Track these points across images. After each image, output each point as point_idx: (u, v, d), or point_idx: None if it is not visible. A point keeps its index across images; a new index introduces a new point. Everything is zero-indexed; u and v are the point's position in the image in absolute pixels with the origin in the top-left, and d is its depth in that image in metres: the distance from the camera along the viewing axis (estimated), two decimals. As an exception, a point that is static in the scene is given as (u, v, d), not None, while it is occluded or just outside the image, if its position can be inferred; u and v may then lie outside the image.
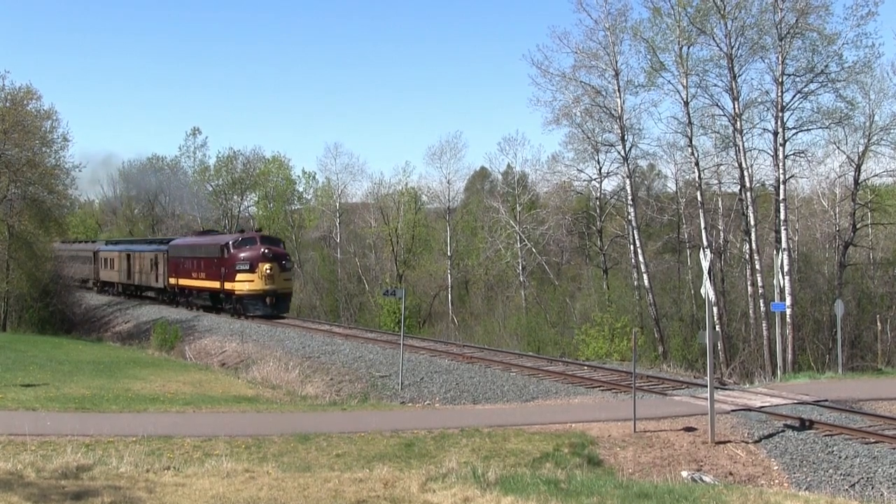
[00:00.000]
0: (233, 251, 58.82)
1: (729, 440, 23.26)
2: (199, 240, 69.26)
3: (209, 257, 62.23)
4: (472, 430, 23.30)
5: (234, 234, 65.81)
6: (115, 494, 15.03)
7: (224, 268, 59.36)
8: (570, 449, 22.02)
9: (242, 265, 57.49)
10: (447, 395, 32.17)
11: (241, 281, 57.97)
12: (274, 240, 65.28)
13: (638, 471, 21.30)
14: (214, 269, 60.98)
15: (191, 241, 70.02)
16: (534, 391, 30.95)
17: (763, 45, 56.45)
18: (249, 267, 57.36)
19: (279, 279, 58.87)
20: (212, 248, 62.54)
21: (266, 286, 57.60)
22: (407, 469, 18.56)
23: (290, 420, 25.74)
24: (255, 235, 62.02)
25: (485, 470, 18.13)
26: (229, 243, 59.88)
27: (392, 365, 36.25)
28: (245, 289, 57.94)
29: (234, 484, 16.57)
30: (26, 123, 63.72)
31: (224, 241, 61.94)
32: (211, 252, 62.16)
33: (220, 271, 59.84)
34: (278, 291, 58.79)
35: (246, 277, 57.75)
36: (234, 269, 58.09)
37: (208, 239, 68.02)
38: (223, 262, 59.65)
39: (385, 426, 24.03)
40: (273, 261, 58.14)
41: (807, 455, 22.26)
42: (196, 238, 71.40)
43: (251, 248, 58.83)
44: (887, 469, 20.70)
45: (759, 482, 20.76)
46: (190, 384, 36.12)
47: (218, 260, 60.44)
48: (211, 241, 65.91)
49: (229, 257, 58.95)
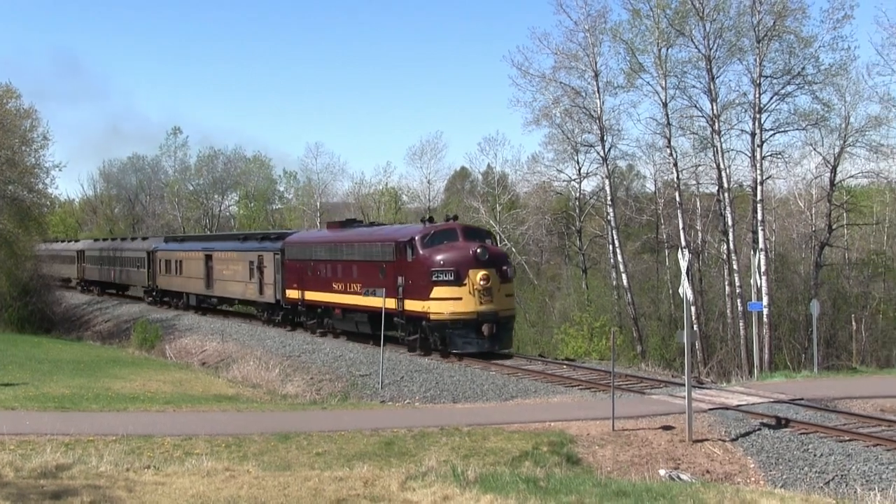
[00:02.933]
0: (422, 251, 37.62)
1: (706, 438, 23.33)
2: (347, 234, 46.52)
3: (371, 261, 41.43)
4: (452, 429, 23.31)
5: (416, 226, 43.38)
6: (95, 494, 14.99)
7: (404, 276, 38.51)
8: (548, 447, 22.05)
9: (441, 273, 36.39)
10: (427, 394, 32.16)
11: (439, 299, 36.36)
12: (481, 232, 42.80)
13: (616, 469, 21.35)
14: (383, 280, 39.74)
15: (330, 237, 48.00)
16: (513, 390, 30.95)
17: (741, 47, 56.75)
18: (454, 277, 36.12)
19: (499, 295, 36.77)
20: (377, 248, 41.55)
21: (482, 306, 35.96)
22: (387, 467, 18.59)
23: (270, 419, 25.73)
24: (454, 226, 39.96)
25: (464, 468, 18.15)
26: (415, 238, 38.17)
27: (372, 364, 36.24)
28: (447, 311, 36.22)
29: (214, 483, 16.55)
30: (6, 122, 63.82)
31: (404, 234, 40.03)
32: (375, 252, 41.42)
33: (396, 282, 38.83)
34: (500, 315, 36.66)
35: (448, 293, 36.21)
36: (424, 280, 36.96)
37: (367, 233, 45.95)
38: (402, 268, 38.69)
39: (365, 425, 24.02)
40: (490, 266, 36.57)
41: (783, 453, 22.36)
42: (339, 232, 47.93)
43: (451, 245, 37.69)
44: (861, 466, 20.82)
45: (736, 480, 20.83)
46: (170, 383, 35.99)
47: (391, 265, 39.55)
48: (374, 235, 44.36)
49: (415, 261, 37.85)
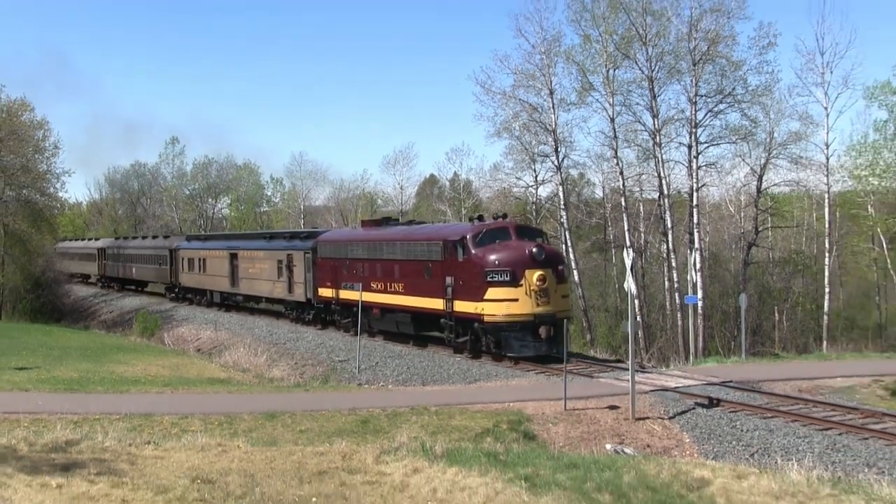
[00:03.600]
0: (474, 250, 32.73)
1: (647, 417, 23.47)
2: (387, 233, 41.24)
3: (415, 260, 36.30)
4: (422, 409, 23.34)
5: (464, 224, 39.87)
6: (101, 466, 15.07)
7: (453, 276, 33.57)
8: (507, 425, 22.12)
9: (496, 273, 31.62)
10: (399, 377, 32.18)
11: (494, 300, 31.57)
12: (534, 230, 37.24)
13: (567, 444, 21.42)
14: (429, 279, 35.11)
15: (367, 236, 42.19)
16: (476, 374, 31.00)
17: (679, 69, 57.10)
18: (510, 277, 31.41)
19: (556, 296, 32.10)
20: (421, 247, 36.45)
21: (538, 308, 31.20)
22: (363, 443, 18.62)
23: (258, 400, 25.66)
24: (506, 224, 34.69)
25: (432, 444, 18.21)
26: (466, 237, 33.12)
27: (350, 351, 36.22)
28: (502, 313, 31.48)
29: (208, 457, 16.59)
30: (21, 133, 64.74)
31: (454, 233, 34.78)
32: (419, 251, 36.29)
33: (443, 282, 34.05)
34: (557, 317, 31.52)
35: (503, 294, 31.41)
36: (477, 281, 32.14)
37: (410, 231, 40.83)
38: (451, 268, 33.71)
39: (343, 405, 24.01)
40: (546, 265, 31.85)
41: (714, 429, 22.55)
42: (377, 231, 42.66)
43: (505, 244, 32.79)
44: (781, 440, 21.04)
45: (673, 453, 20.96)
46: (168, 368, 35.92)
47: (438, 264, 34.57)
48: (419, 233, 39.05)
49: (467, 260, 32.97)
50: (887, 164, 58.37)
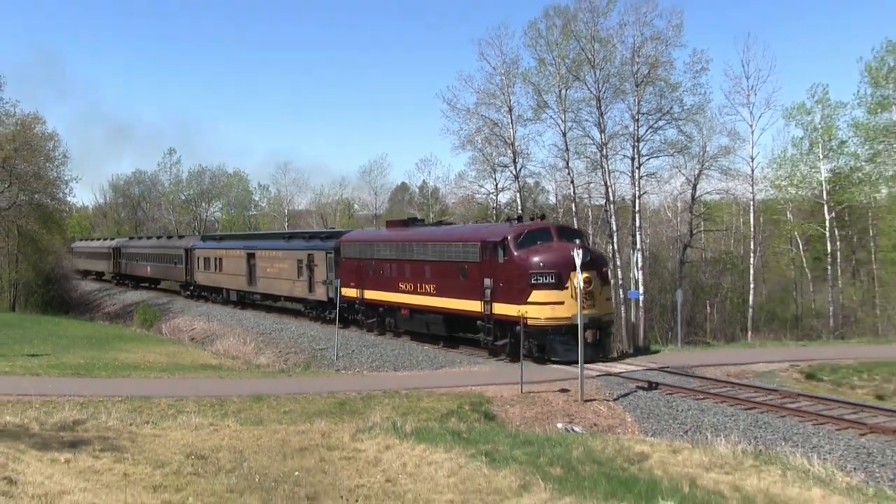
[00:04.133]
0: (516, 252, 28.99)
1: (594, 399, 23.58)
2: (417, 233, 36.49)
3: (449, 261, 32.28)
4: (393, 392, 23.36)
5: (502, 225, 34.84)
6: (104, 443, 15.06)
7: (492, 278, 29.75)
8: (470, 407, 22.17)
9: (540, 276, 28.05)
10: (373, 364, 32.15)
11: (538, 303, 28.00)
12: (575, 232, 33.83)
13: (523, 423, 21.51)
14: (464, 281, 31.15)
15: (396, 236, 37.25)
16: (442, 361, 31.03)
17: (623, 90, 57.45)
18: (555, 279, 27.89)
19: (601, 299, 28.96)
20: (456, 248, 32.08)
21: (584, 311, 25.66)
22: (340, 423, 18.60)
23: (246, 384, 25.60)
24: (548, 225, 31.30)
25: (403, 424, 18.24)
26: (507, 238, 29.36)
27: (329, 340, 36.15)
28: (546, 316, 27.88)
29: (201, 435, 16.57)
30: (33, 143, 65.11)
31: (494, 234, 30.53)
32: (454, 252, 32.16)
33: (481, 284, 30.18)
34: (602, 320, 28.92)
35: (547, 296, 27.89)
36: (520, 283, 28.46)
37: (443, 232, 35.74)
38: (490, 270, 29.83)
39: (323, 389, 23.99)
40: (591, 268, 28.04)
41: (653, 409, 22.70)
42: (405, 231, 37.86)
43: (547, 245, 29.16)
44: (711, 419, 21.23)
45: (617, 431, 21.09)
46: (165, 355, 35.81)
47: (475, 266, 30.60)
48: (454, 234, 34.17)
49: (508, 262, 29.15)
50: (803, 175, 59.29)
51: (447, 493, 13.30)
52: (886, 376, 27.39)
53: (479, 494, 13.21)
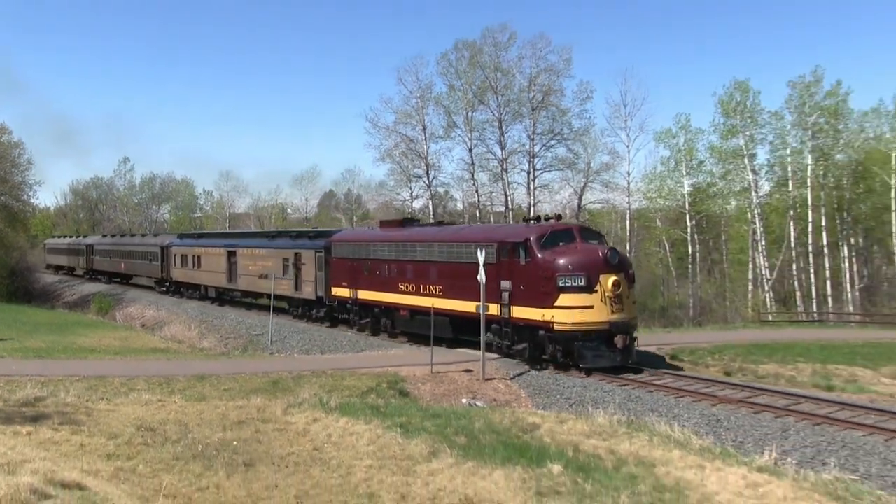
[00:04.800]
0: (541, 254, 24.38)
1: (494, 378, 23.74)
2: (421, 233, 31.67)
3: (459, 262, 27.53)
4: (320, 372, 23.21)
5: (519, 225, 29.49)
6: (63, 417, 14.86)
7: (512, 280, 25.16)
8: (387, 385, 22.14)
9: (569, 278, 23.55)
10: (303, 347, 31.89)
11: (566, 307, 23.48)
12: (595, 233, 27.95)
13: (433, 399, 21.58)
14: (475, 283, 24.55)
15: (396, 236, 32.19)
16: (363, 345, 30.92)
17: (521, 113, 58.52)
18: (585, 283, 23.50)
19: (628, 303, 24.33)
20: (468, 249, 26.97)
21: (613, 315, 23.52)
22: (274, 399, 18.45)
23: (191, 365, 25.14)
24: (571, 226, 27.19)
25: (328, 399, 18.22)
26: (530, 239, 24.78)
27: (264, 327, 35.68)
28: (575, 321, 23.45)
29: (150, 409, 16.36)
30: (0, 151, 62.88)
31: (514, 234, 26.09)
32: (466, 254, 27.04)
33: (497, 286, 25.34)
34: (630, 324, 24.35)
35: (577, 300, 23.45)
36: (547, 286, 23.84)
37: (452, 232, 30.81)
38: (510, 272, 25.29)
39: (259, 370, 23.71)
40: (620, 270, 24.15)
41: (543, 386, 22.97)
42: (406, 231, 32.80)
43: (572, 247, 24.66)
44: (592, 394, 21.56)
45: (513, 405, 21.28)
46: (119, 339, 35.12)
47: (493, 267, 25.37)
48: (465, 234, 29.58)
49: (532, 264, 24.58)
50: (669, 189, 61.01)
51: (367, 459, 13.32)
52: (732, 356, 28.58)
53: (394, 460, 13.27)
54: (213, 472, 11.95)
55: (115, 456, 12.52)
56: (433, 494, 11.51)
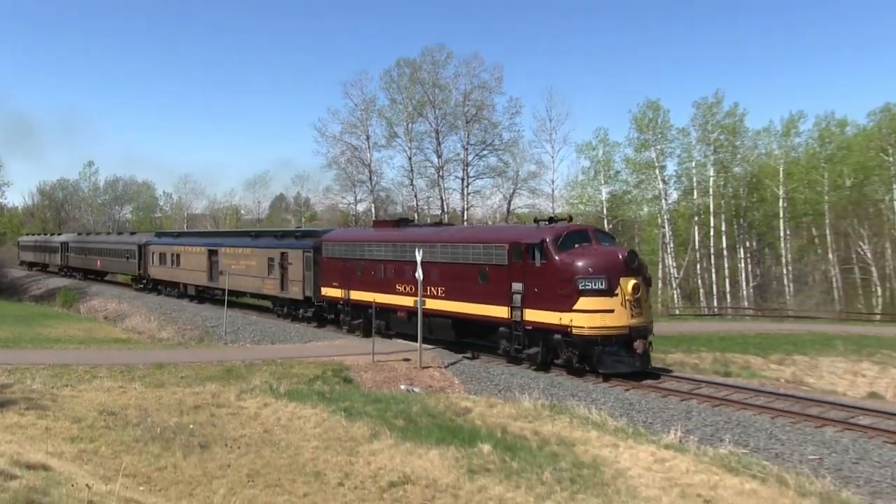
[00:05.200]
0: (558, 255, 21.84)
1: (430, 366, 23.82)
2: (422, 234, 28.44)
3: (465, 263, 24.86)
4: (270, 361, 23.04)
5: (530, 226, 25.50)
6: (29, 403, 14.58)
7: (525, 283, 22.57)
8: (332, 372, 22.09)
9: (589, 281, 21.11)
10: (255, 338, 31.53)
11: (586, 311, 21.02)
12: (606, 234, 25.27)
13: (374, 385, 21.60)
14: (485, 285, 23.90)
15: (393, 236, 29.09)
16: (310, 336, 30.71)
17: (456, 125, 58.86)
18: (606, 286, 21.09)
19: (646, 306, 22.24)
20: (476, 250, 24.66)
21: (633, 320, 21.25)
22: (227, 385, 18.30)
23: (151, 354, 24.74)
24: (585, 227, 24.19)
25: (278, 386, 18.17)
26: (547, 240, 22.17)
27: (219, 319, 35.16)
28: (594, 325, 21.03)
29: (112, 395, 16.12)
30: None
31: (528, 235, 23.17)
32: (473, 255, 24.70)
33: (508, 288, 23.04)
34: (648, 329, 22.07)
35: (597, 304, 21.02)
36: (565, 289, 21.38)
37: (457, 232, 27.77)
38: (524, 273, 22.63)
39: (214, 358, 23.44)
40: (638, 273, 21.86)
41: (475, 374, 23.12)
42: (401, 231, 29.78)
43: (589, 248, 22.14)
44: (519, 381, 21.74)
45: (447, 391, 21.39)
46: (83, 330, 34.49)
47: (500, 269, 23.44)
48: (472, 235, 26.53)
49: (549, 266, 21.96)
50: (590, 196, 62.04)
51: (313, 440, 13.33)
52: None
53: (339, 441, 13.30)
54: (171, 453, 11.83)
55: (78, 439, 12.30)
56: (374, 472, 11.59)
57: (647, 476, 12.04)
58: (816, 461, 14.39)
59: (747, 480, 11.94)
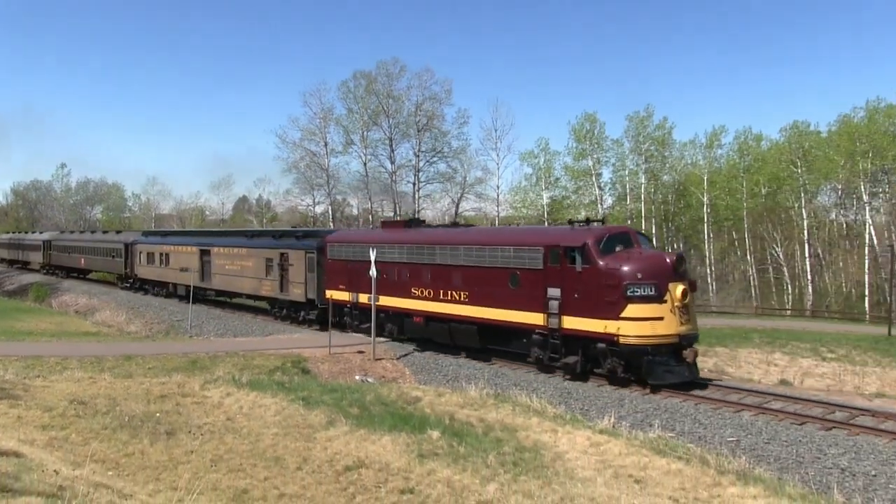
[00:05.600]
0: (602, 260, 19.18)
1: (383, 358, 23.86)
2: (441, 235, 25.46)
3: (493, 267, 22.13)
4: (233, 353, 22.80)
5: (564, 227, 22.83)
6: (2, 393, 14.37)
7: (564, 288, 19.95)
8: (291, 364, 21.98)
9: (637, 287, 18.51)
10: (219, 331, 31.14)
11: (635, 318, 18.47)
12: (645, 236, 22.53)
13: (331, 376, 21.54)
14: (516, 289, 21.33)
15: (409, 237, 26.16)
16: (271, 329, 30.49)
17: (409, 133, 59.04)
18: (655, 292, 18.54)
19: (693, 313, 19.78)
20: (505, 253, 21.84)
21: (682, 327, 18.80)
22: (192, 376, 18.08)
23: (119, 346, 24.28)
24: (626, 229, 21.57)
25: (240, 377, 18.01)
26: (588, 243, 19.42)
27: (185, 313, 34.64)
28: (643, 333, 18.45)
29: (82, 385, 15.84)
30: None
31: (568, 237, 20.27)
32: (503, 258, 21.84)
33: (543, 294, 20.46)
34: (696, 336, 19.68)
35: (647, 311, 18.48)
36: (611, 295, 18.79)
37: (484, 233, 26.27)
38: (563, 278, 19.96)
39: (179, 350, 23.12)
40: (685, 278, 19.45)
41: (424, 365, 23.26)
42: (419, 233, 26.86)
43: (635, 252, 19.70)
44: (466, 371, 21.94)
45: (399, 381, 21.46)
46: (54, 324, 33.75)
47: (538, 273, 20.70)
48: (500, 237, 23.63)
49: (592, 270, 19.26)
50: (532, 200, 62.56)
51: (273, 427, 13.26)
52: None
53: (297, 428, 13.25)
54: (139, 440, 11.67)
55: (49, 426, 12.05)
56: (330, 457, 11.58)
57: (584, 459, 12.25)
58: (734, 443, 14.83)
59: (673, 461, 12.24)
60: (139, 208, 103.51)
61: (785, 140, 56.76)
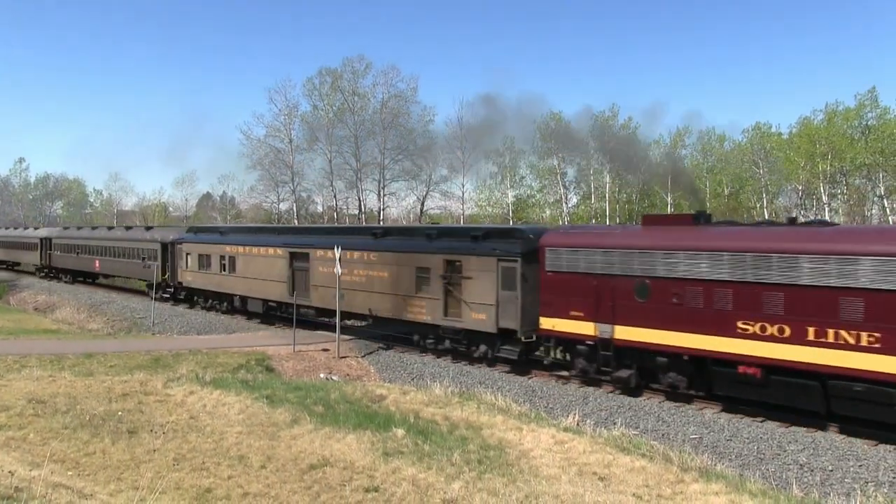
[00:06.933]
0: None
1: (348, 356, 23.84)
2: (815, 234, 15.45)
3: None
4: (196, 351, 22.61)
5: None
6: None
7: None
8: (255, 362, 21.87)
9: None
10: (181, 329, 30.71)
11: None
12: None
13: (295, 374, 21.48)
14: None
15: (719, 241, 16.45)
16: (235, 327, 30.20)
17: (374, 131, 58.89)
18: None
19: None
20: None
21: None
22: (155, 374, 17.90)
23: (80, 344, 23.90)
24: None
25: (203, 375, 17.89)
26: None
27: (147, 311, 34.08)
28: None
29: (41, 384, 15.60)
30: None
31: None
32: None
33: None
34: None
35: None
36: None
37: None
38: None
39: (142, 348, 22.85)
40: None
41: (389, 363, 23.23)
42: (759, 231, 16.60)
43: None
44: (430, 369, 21.96)
45: (364, 379, 21.46)
46: (13, 321, 33.06)
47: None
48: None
49: None
50: (497, 198, 62.76)
51: (237, 426, 13.20)
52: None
53: (261, 427, 13.21)
54: (100, 439, 11.54)
55: (6, 426, 11.85)
56: (295, 455, 11.57)
57: (548, 456, 12.40)
58: (697, 440, 15.11)
59: (637, 459, 12.46)
60: (101, 204, 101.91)
61: (747, 141, 57.85)
